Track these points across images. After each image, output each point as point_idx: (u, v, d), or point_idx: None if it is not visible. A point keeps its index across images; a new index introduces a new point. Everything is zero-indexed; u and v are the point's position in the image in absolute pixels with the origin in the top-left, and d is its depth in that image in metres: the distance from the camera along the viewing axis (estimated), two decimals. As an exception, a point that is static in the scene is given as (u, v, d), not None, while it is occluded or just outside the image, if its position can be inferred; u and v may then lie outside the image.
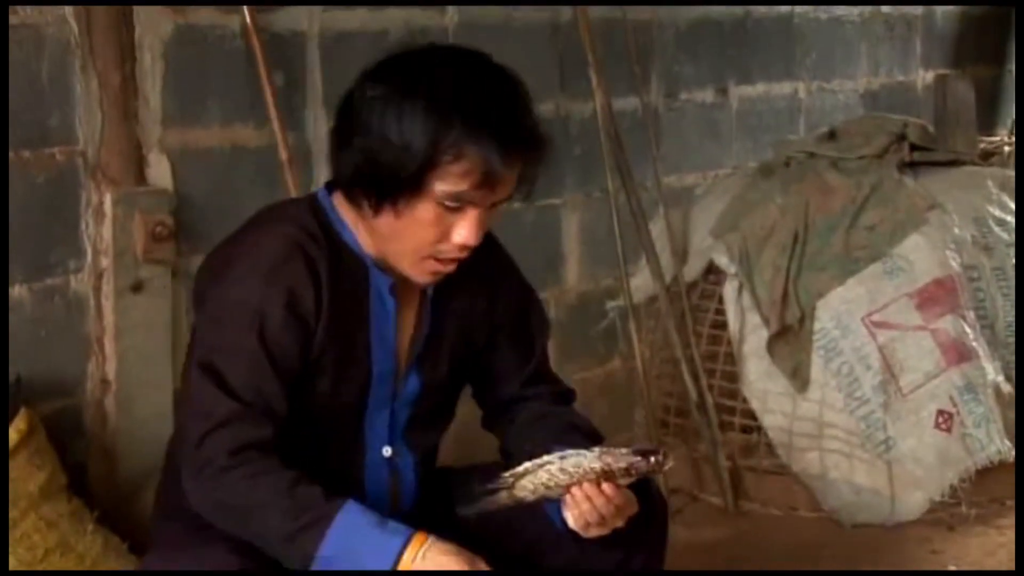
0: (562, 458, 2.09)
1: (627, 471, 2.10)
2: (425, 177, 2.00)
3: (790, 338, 3.70)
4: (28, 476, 2.66)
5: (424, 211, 2.03)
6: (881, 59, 5.35)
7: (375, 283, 2.16)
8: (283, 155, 3.17)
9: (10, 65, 2.78)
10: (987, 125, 5.62)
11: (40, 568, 2.62)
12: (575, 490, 2.09)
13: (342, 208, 2.16)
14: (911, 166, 3.95)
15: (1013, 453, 3.56)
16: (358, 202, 2.09)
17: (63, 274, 2.92)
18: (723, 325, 3.84)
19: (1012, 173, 4.21)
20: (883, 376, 3.59)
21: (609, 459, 2.08)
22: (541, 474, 2.10)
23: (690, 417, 3.84)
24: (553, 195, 4.06)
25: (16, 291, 2.84)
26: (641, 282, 3.96)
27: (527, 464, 2.11)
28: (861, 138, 3.98)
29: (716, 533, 3.61)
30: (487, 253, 2.22)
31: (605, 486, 2.08)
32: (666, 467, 2.13)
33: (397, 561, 1.96)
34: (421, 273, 2.12)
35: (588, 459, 2.08)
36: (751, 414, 3.76)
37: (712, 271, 3.92)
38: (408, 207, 2.03)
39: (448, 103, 1.99)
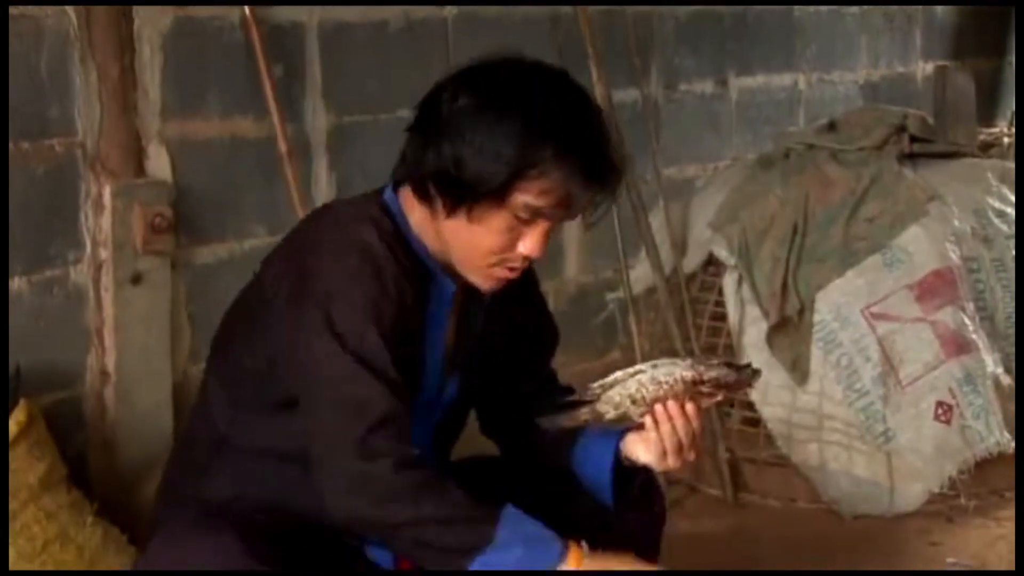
0: (654, 367, 2.10)
1: (716, 384, 2.10)
2: (509, 189, 2.03)
3: (789, 330, 3.70)
4: (28, 467, 2.67)
5: (498, 220, 2.06)
6: (881, 51, 5.35)
7: (438, 294, 2.19)
8: (282, 147, 3.18)
9: (10, 57, 2.78)
10: (987, 117, 5.61)
11: (40, 559, 2.63)
12: (659, 408, 2.11)
13: (408, 209, 2.17)
14: (911, 158, 3.95)
15: (1012, 445, 3.56)
16: (431, 203, 2.10)
17: (62, 266, 2.92)
18: (722, 317, 3.84)
19: (1012, 165, 4.20)
20: (882, 368, 3.59)
21: (701, 367, 2.08)
22: (631, 383, 2.10)
23: (689, 409, 3.84)
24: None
25: (15, 283, 2.84)
26: (641, 274, 3.96)
27: (617, 374, 2.12)
28: (861, 130, 3.98)
29: (715, 525, 3.61)
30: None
31: (688, 407, 2.11)
32: (755, 383, 2.14)
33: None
34: (487, 279, 2.14)
35: (681, 367, 2.08)
36: (751, 406, 3.76)
37: (712, 263, 3.92)
38: (483, 214, 2.06)
39: (542, 120, 2.03)
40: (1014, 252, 3.78)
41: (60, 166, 2.90)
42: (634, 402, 2.11)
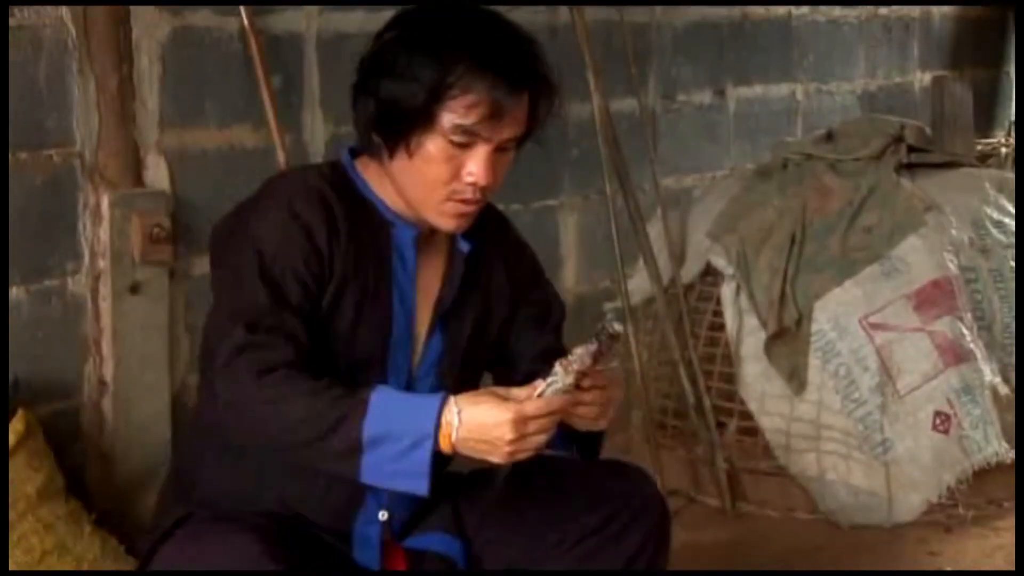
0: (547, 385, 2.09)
1: (595, 362, 2.11)
2: (433, 110, 2.06)
3: (788, 340, 3.70)
4: (26, 478, 2.66)
5: (434, 147, 2.08)
6: (879, 61, 5.36)
7: (399, 239, 2.20)
8: (281, 157, 3.18)
9: (8, 67, 2.78)
10: (984, 127, 5.62)
11: (39, 570, 2.63)
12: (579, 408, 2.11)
13: (366, 171, 2.21)
14: (908, 168, 3.95)
15: (1010, 455, 3.56)
16: (378, 153, 2.14)
17: (60, 276, 2.92)
18: (720, 327, 3.84)
19: (1010, 175, 4.21)
20: (880, 377, 3.59)
21: (575, 367, 2.08)
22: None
23: (688, 419, 3.84)
24: (551, 197, 4.07)
25: (14, 293, 2.84)
26: (639, 284, 3.96)
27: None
28: (858, 140, 3.98)
29: (714, 535, 3.61)
30: (503, 232, 2.33)
31: (587, 386, 2.12)
32: (618, 332, 2.15)
33: (438, 418, 1.98)
34: (444, 216, 2.14)
35: (560, 379, 2.07)
36: (748, 416, 3.76)
37: (710, 273, 3.92)
38: (419, 145, 2.08)
39: (456, 39, 2.07)
40: (1012, 262, 3.78)
41: (58, 176, 2.90)
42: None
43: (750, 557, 3.44)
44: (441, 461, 2.02)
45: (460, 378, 2.28)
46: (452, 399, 2.00)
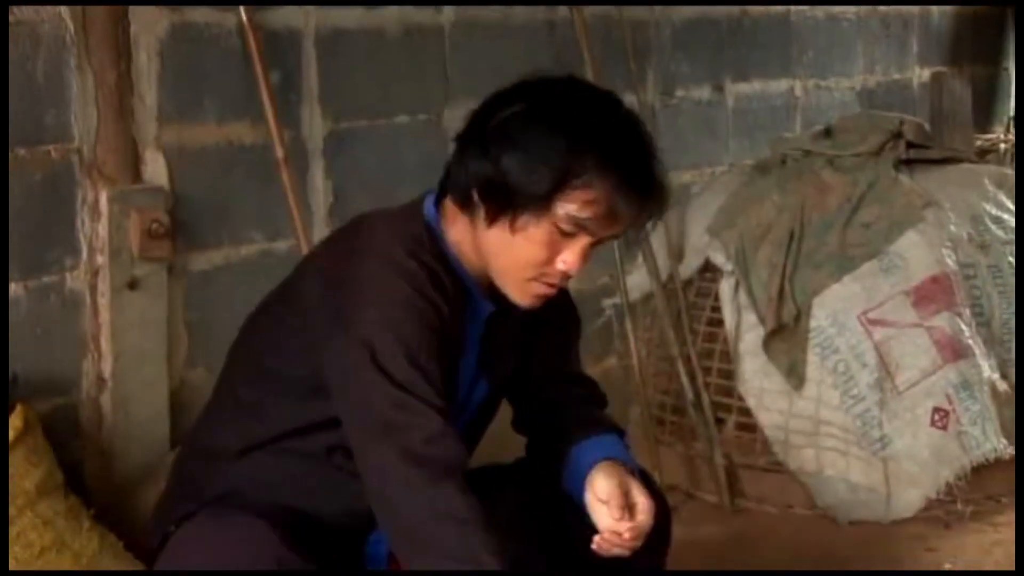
0: None
1: None
2: (553, 198, 2.04)
3: (786, 336, 3.70)
4: (25, 474, 2.66)
5: (540, 231, 2.07)
6: (877, 57, 5.36)
7: (474, 309, 2.19)
8: (279, 152, 3.18)
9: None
10: (983, 123, 5.63)
11: (36, 565, 2.63)
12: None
13: (448, 223, 2.18)
14: (907, 164, 3.95)
15: (1009, 451, 3.56)
16: (473, 212, 2.11)
17: (59, 272, 2.92)
18: (719, 323, 3.84)
19: (1009, 171, 4.21)
20: (879, 373, 3.59)
21: None
22: None
23: (686, 415, 3.84)
24: (549, 193, 4.06)
25: (12, 289, 2.84)
26: (637, 280, 3.96)
27: None
28: (857, 136, 3.98)
29: (712, 531, 3.61)
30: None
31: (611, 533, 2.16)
32: None
33: None
34: (525, 295, 2.14)
35: None
36: (747, 412, 3.76)
37: (708, 269, 3.92)
38: (525, 224, 2.06)
39: (589, 131, 2.05)
40: (1011, 258, 3.78)
41: (56, 172, 2.90)
42: None
43: (748, 553, 3.44)
44: None
45: (495, 408, 2.34)
46: None
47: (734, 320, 3.79)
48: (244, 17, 3.12)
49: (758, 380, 3.73)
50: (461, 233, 2.16)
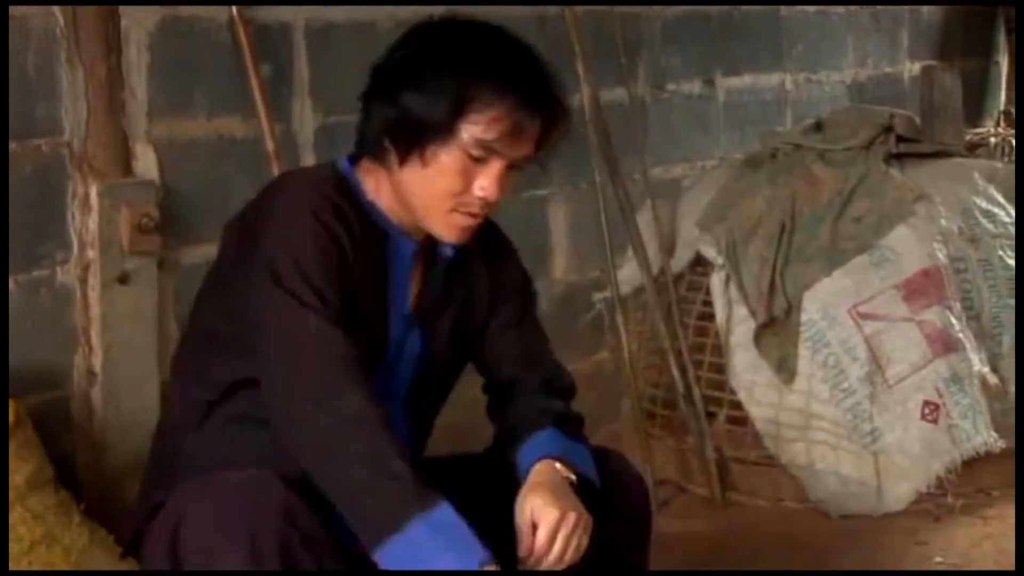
0: None
1: None
2: (456, 123, 2.11)
3: (777, 329, 3.70)
4: (15, 468, 2.66)
5: (450, 159, 2.13)
6: (868, 51, 5.36)
7: (396, 250, 2.24)
8: (270, 146, 3.17)
9: (-4, 56, 2.77)
10: (973, 117, 5.63)
11: (26, 560, 2.62)
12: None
13: (366, 178, 2.24)
14: (897, 158, 3.96)
15: (999, 444, 3.57)
16: (385, 158, 2.18)
17: (49, 266, 2.91)
18: (710, 316, 3.84)
19: (999, 164, 4.22)
20: (869, 367, 3.60)
21: None
22: None
23: (677, 408, 3.85)
24: (540, 187, 4.06)
25: (2, 283, 2.84)
26: (628, 274, 3.96)
27: None
28: (848, 129, 3.99)
29: (704, 524, 3.62)
30: (490, 235, 2.34)
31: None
32: None
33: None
34: (450, 228, 2.19)
35: None
36: (738, 405, 3.77)
37: (699, 263, 3.92)
38: (435, 155, 2.13)
39: (481, 56, 2.14)
40: (1000, 252, 3.79)
41: (47, 166, 2.89)
42: None
43: (739, 546, 3.45)
44: None
45: (437, 378, 2.33)
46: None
47: (725, 314, 3.80)
48: (235, 11, 3.12)
49: (749, 374, 3.74)
50: (379, 184, 2.22)
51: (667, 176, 4.44)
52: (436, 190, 2.15)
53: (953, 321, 3.64)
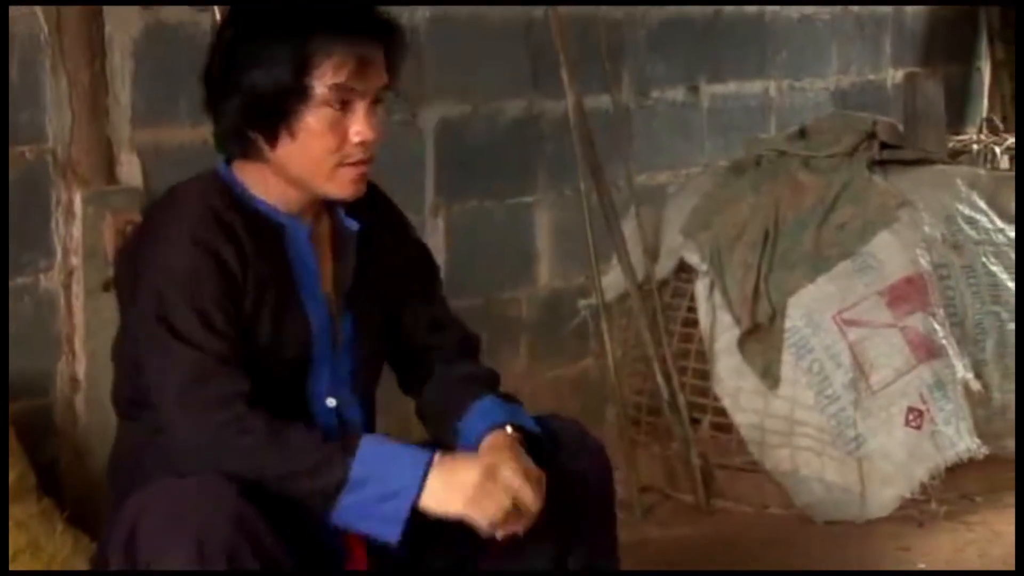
0: None
1: None
2: (304, 82, 2.10)
3: (761, 336, 3.71)
4: (-2, 476, 2.65)
5: (315, 119, 2.12)
6: (851, 57, 5.37)
7: (293, 237, 2.21)
8: (254, 153, 3.16)
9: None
10: (956, 124, 5.65)
11: (11, 569, 2.61)
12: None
13: (244, 176, 2.22)
14: (881, 164, 3.97)
15: (983, 450, 3.58)
16: (255, 150, 2.16)
17: (33, 273, 2.91)
18: (694, 323, 3.85)
19: (982, 171, 4.23)
20: (853, 373, 3.60)
21: None
22: None
23: (662, 415, 3.85)
24: (525, 193, 4.07)
25: (-15, 290, 2.83)
26: (613, 280, 3.96)
27: None
28: (831, 136, 3.99)
29: (688, 531, 3.62)
30: (386, 209, 2.36)
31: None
32: None
33: (427, 470, 2.04)
34: (341, 185, 2.18)
35: None
36: (723, 412, 3.77)
37: (683, 269, 3.92)
38: (300, 122, 2.12)
39: (301, 12, 2.13)
40: (983, 259, 3.80)
41: (31, 173, 2.89)
42: None
43: (724, 553, 3.45)
44: (417, 515, 2.06)
45: (373, 351, 2.32)
46: (440, 455, 2.06)
47: (709, 320, 3.80)
48: (218, 17, 3.11)
49: (733, 380, 3.74)
50: (262, 177, 2.20)
51: (652, 183, 4.44)
52: (315, 153, 2.14)
53: (936, 327, 3.65)
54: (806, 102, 5.10)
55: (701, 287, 3.83)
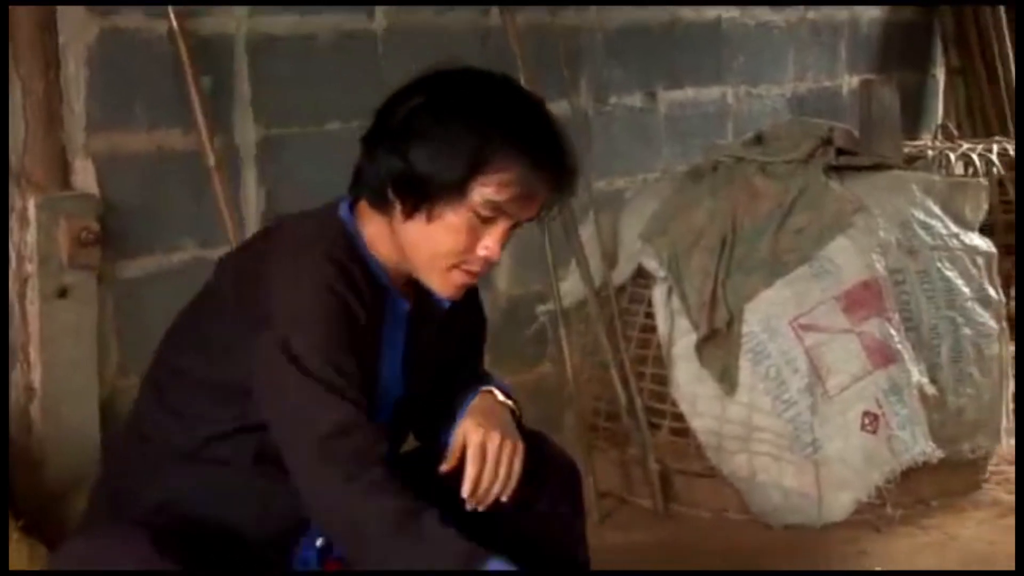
0: None
1: None
2: (468, 184, 2.05)
3: (719, 341, 3.72)
4: (-49, 485, 2.63)
5: (458, 218, 2.08)
6: (808, 64, 5.40)
7: (394, 309, 2.20)
8: (210, 159, 3.16)
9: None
10: (911, 130, 5.69)
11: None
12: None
13: (365, 226, 2.18)
14: (837, 170, 3.98)
15: (937, 454, 3.60)
16: (389, 210, 2.12)
17: (-13, 280, 2.89)
18: (652, 329, 3.85)
19: (936, 177, 4.25)
20: (810, 378, 3.62)
21: None
22: None
23: (620, 421, 3.85)
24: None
25: (-62, 298, 2.81)
26: (571, 286, 3.97)
27: None
28: (788, 142, 4.01)
29: (646, 536, 3.62)
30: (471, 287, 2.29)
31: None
32: None
33: None
34: (447, 284, 2.15)
35: None
36: (680, 417, 3.77)
37: (642, 275, 3.93)
38: (442, 213, 2.07)
39: (498, 116, 2.07)
40: (938, 264, 3.82)
41: (-16, 180, 2.87)
42: None
43: (683, 558, 3.45)
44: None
45: (414, 412, 2.32)
46: None
47: (667, 326, 3.81)
48: (174, 23, 3.10)
49: (691, 386, 3.75)
50: (377, 232, 2.16)
51: (610, 189, 4.45)
52: (440, 247, 2.10)
53: (892, 332, 3.67)
54: (763, 108, 5.13)
55: (659, 293, 3.84)
